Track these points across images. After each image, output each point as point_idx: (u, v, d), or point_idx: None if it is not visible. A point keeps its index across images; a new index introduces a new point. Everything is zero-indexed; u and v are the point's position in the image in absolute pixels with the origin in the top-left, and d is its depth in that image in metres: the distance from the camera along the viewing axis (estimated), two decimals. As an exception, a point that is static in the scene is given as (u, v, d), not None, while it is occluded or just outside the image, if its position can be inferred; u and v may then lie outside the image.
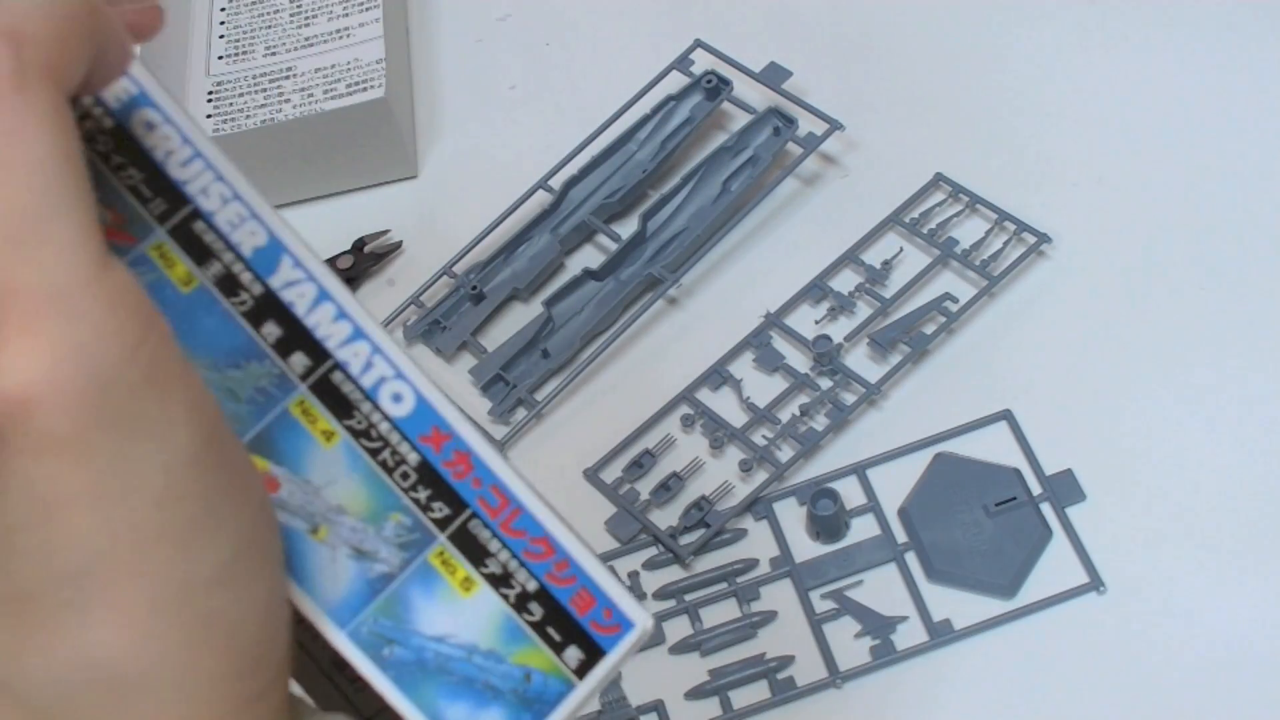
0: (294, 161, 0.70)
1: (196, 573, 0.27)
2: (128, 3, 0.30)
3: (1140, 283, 0.63)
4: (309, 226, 0.75)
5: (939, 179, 0.67)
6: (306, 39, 0.75)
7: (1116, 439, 0.59)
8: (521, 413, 0.63)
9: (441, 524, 0.32)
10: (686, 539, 0.58)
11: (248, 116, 0.72)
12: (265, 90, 0.73)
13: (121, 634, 0.27)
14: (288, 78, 0.73)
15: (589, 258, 0.69)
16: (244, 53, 0.75)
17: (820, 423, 0.61)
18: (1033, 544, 0.56)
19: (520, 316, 0.67)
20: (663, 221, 0.68)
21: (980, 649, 0.54)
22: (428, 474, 0.32)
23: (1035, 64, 0.72)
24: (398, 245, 0.70)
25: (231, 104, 0.73)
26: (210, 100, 0.73)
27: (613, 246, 0.67)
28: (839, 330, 0.63)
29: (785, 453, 0.60)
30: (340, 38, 0.75)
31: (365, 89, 0.71)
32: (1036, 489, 0.58)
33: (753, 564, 0.58)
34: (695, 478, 0.60)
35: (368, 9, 0.75)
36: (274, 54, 0.75)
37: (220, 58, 0.75)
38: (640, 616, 0.33)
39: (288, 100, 0.72)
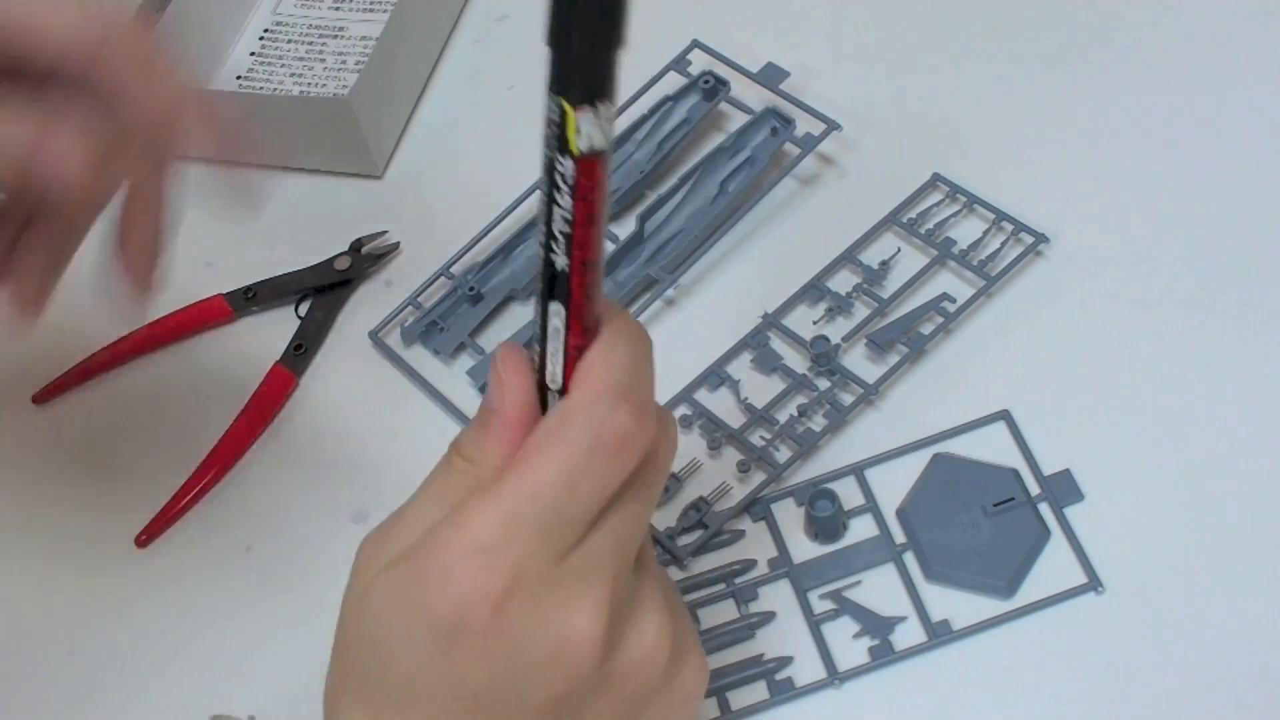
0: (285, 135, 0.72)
1: None
2: None
3: (1138, 282, 0.63)
4: (307, 227, 0.75)
5: (936, 179, 0.67)
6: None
7: (1115, 439, 0.59)
8: (519, 413, 0.63)
9: None
10: (684, 540, 0.58)
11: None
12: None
13: None
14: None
15: (587, 258, 0.68)
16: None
17: (818, 423, 0.61)
18: (1031, 544, 0.56)
19: (518, 317, 0.67)
20: (660, 222, 0.68)
21: (979, 649, 0.54)
22: None
23: (1033, 63, 0.72)
24: (395, 246, 0.70)
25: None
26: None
27: (610, 247, 0.67)
28: (837, 330, 0.63)
29: (783, 453, 0.60)
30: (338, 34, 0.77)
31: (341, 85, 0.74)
32: (1035, 489, 0.58)
33: (751, 565, 0.58)
34: (693, 478, 0.60)
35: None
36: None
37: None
38: None
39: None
